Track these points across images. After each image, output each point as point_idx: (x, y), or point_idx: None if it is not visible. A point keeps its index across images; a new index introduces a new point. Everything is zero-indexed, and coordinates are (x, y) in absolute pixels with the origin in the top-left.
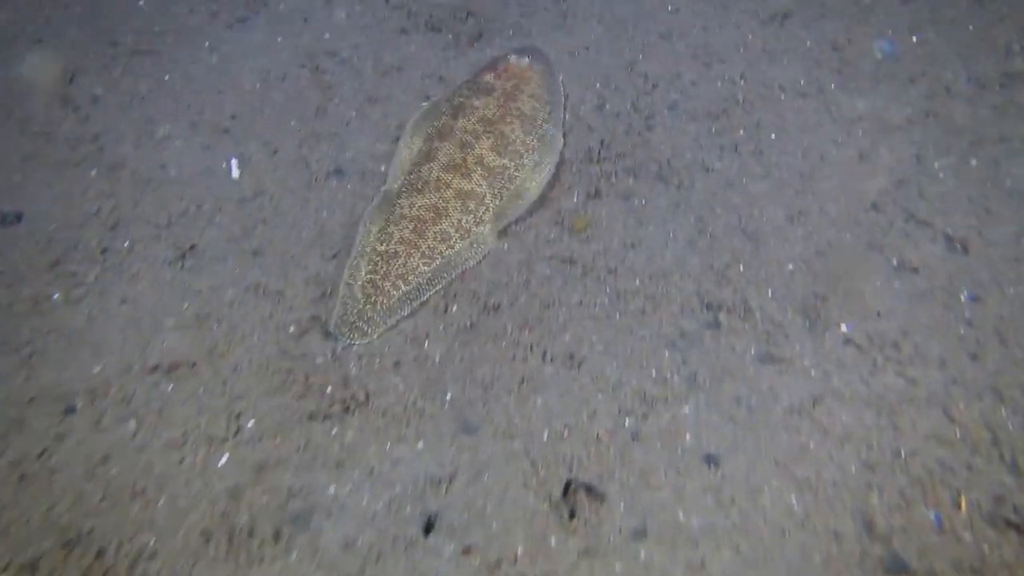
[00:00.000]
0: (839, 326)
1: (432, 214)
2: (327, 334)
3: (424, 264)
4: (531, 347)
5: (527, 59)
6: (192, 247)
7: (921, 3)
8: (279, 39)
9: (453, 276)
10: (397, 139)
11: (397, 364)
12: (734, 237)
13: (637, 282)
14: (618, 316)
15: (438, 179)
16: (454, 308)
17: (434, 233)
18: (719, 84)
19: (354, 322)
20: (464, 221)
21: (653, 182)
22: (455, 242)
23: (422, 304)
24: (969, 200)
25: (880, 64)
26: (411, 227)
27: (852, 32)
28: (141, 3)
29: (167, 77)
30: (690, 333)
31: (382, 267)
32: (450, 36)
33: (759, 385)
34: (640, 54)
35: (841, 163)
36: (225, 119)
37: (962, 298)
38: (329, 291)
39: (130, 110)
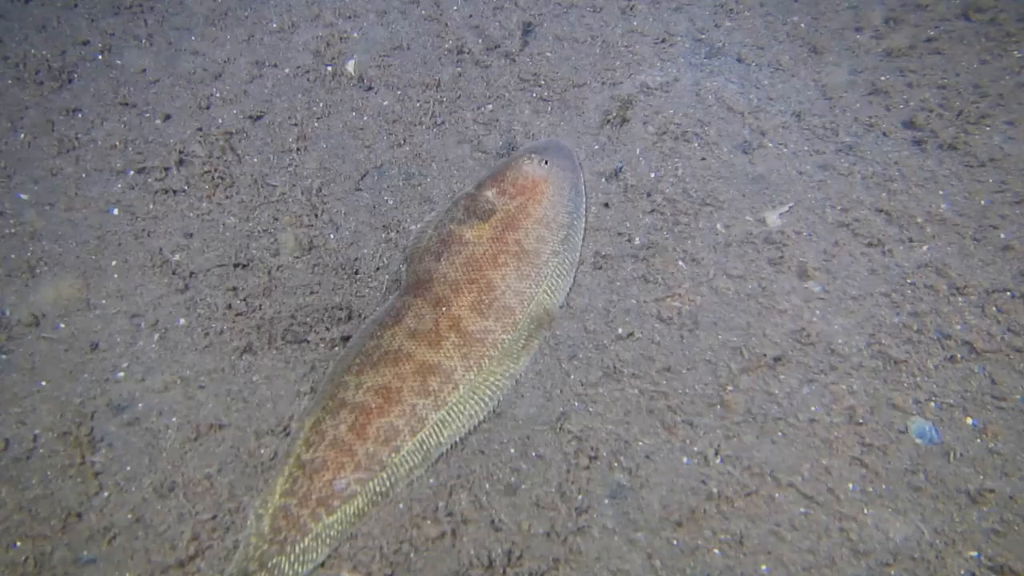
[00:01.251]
0: None
1: (380, 400)
2: None
3: (357, 482)
4: None
5: (545, 164)
6: None
7: (974, 365)
8: (42, 383)
9: (391, 496)
10: (190, 562)
11: None
12: None
13: None
14: None
15: (399, 349)
16: None
17: (376, 430)
18: (685, 461)
19: (253, 572)
20: (420, 407)
21: None
22: (403, 441)
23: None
24: None
25: (920, 457)
26: (349, 421)
27: (875, 398)
28: None
29: None
30: None
31: (302, 485)
32: (321, 347)
33: None
34: (575, 401)
35: None
36: None
37: None
38: None
39: None
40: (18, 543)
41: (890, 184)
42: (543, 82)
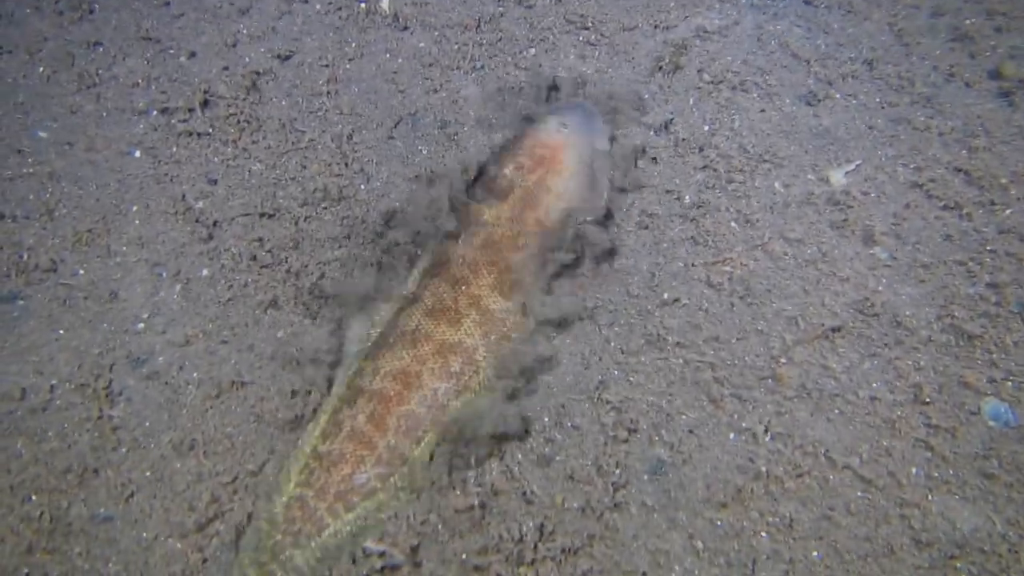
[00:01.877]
0: None
1: (399, 386)
2: None
3: (378, 479)
4: None
5: (565, 128)
6: None
7: None
8: (59, 332)
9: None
10: (209, 524)
11: None
12: None
13: None
14: None
15: (416, 329)
16: None
17: (397, 420)
18: (731, 438)
19: (264, 563)
20: (442, 392)
21: None
22: (425, 431)
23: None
24: None
25: (994, 441)
26: (368, 411)
27: (945, 375)
28: None
29: None
30: None
31: (319, 477)
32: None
33: None
34: (614, 370)
35: None
36: None
37: None
38: None
39: None
40: (33, 496)
41: (972, 140)
42: (590, 24)
